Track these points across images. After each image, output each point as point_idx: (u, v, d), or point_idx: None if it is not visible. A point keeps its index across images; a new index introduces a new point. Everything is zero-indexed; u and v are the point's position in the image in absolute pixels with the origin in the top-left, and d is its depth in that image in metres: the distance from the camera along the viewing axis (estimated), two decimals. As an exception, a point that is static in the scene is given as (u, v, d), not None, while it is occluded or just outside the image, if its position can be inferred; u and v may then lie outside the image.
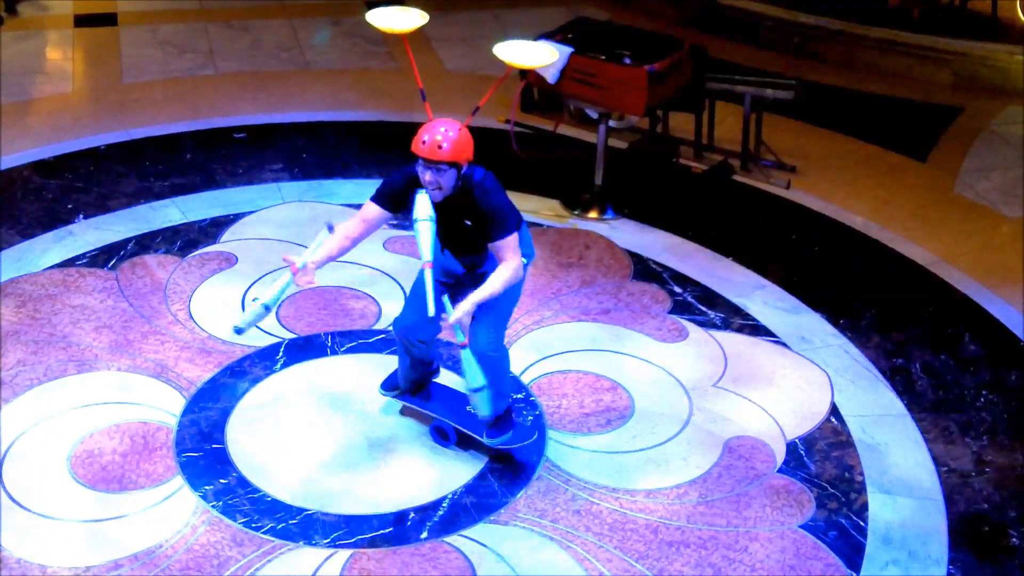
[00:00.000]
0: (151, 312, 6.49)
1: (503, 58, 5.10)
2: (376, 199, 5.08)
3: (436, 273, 5.36)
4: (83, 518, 5.15)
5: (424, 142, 4.83)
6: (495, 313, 5.20)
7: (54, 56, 10.08)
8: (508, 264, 4.99)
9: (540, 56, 5.20)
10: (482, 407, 5.18)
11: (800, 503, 5.37)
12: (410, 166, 5.01)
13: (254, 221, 7.42)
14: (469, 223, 5.00)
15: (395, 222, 7.37)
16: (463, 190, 4.94)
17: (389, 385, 5.77)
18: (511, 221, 5.01)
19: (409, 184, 5.01)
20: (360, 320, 6.49)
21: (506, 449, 5.49)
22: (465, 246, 5.16)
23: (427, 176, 4.87)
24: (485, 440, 5.46)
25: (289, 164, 8.16)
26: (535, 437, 5.55)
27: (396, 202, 5.08)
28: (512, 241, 5.00)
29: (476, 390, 5.12)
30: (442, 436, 5.62)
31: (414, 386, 5.68)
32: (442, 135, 4.83)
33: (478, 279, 5.19)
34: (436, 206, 4.98)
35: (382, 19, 5.22)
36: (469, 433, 5.52)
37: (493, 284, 4.98)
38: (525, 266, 5.19)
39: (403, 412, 5.81)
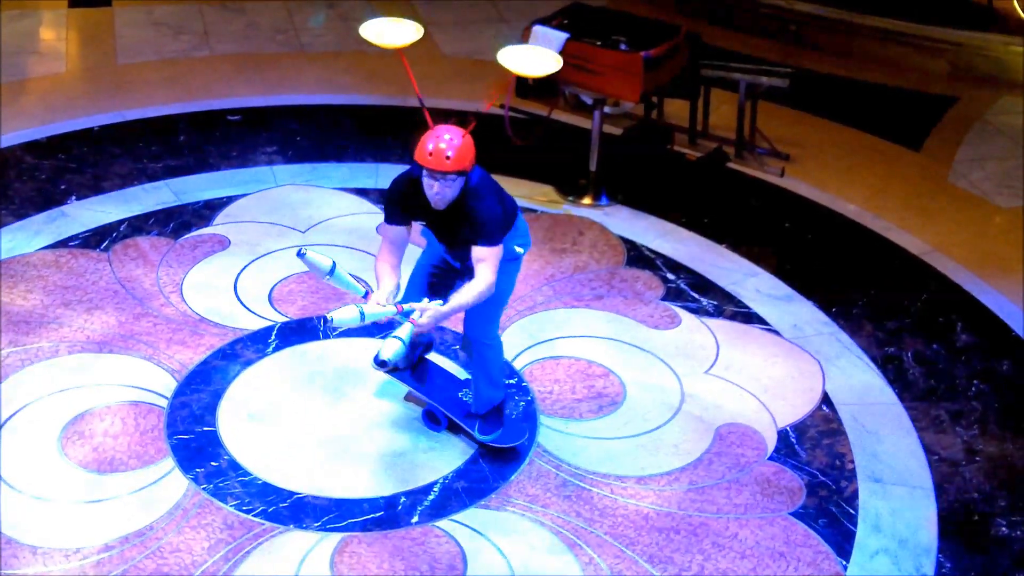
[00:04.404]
0: (143, 294, 6.48)
1: (508, 66, 5.03)
2: (389, 219, 5.03)
3: (429, 264, 5.34)
4: (74, 499, 5.15)
5: (431, 153, 4.72)
6: (489, 302, 5.16)
7: (48, 36, 10.03)
8: (482, 277, 4.85)
9: (544, 64, 5.12)
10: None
11: (790, 490, 5.38)
12: (404, 172, 4.98)
13: (247, 204, 7.40)
14: (463, 226, 4.95)
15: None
16: (460, 193, 4.89)
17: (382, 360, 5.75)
18: (497, 233, 4.90)
19: (410, 188, 4.94)
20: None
21: (495, 445, 5.49)
22: (463, 246, 5.10)
23: (435, 187, 4.79)
24: (476, 435, 5.46)
25: (283, 147, 8.14)
26: (525, 438, 5.53)
27: (406, 211, 5.01)
28: (493, 252, 4.88)
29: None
30: (433, 421, 5.62)
31: (409, 363, 5.67)
32: (447, 143, 4.73)
33: (471, 272, 5.16)
34: (436, 211, 4.93)
35: (376, 33, 5.15)
36: (460, 424, 5.53)
37: (461, 297, 4.86)
38: (520, 256, 5.16)
39: (408, 399, 5.78)
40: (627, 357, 6.17)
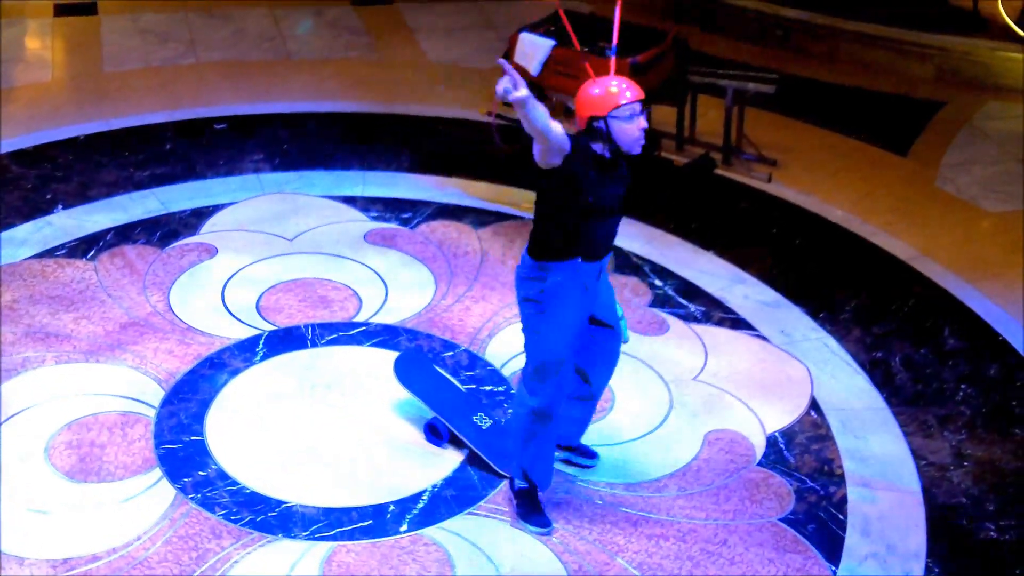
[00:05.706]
0: (130, 303, 6.46)
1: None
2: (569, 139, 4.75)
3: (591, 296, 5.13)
4: (61, 510, 5.13)
5: (630, 87, 4.69)
6: None
7: (34, 45, 10.02)
8: None
9: None
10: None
11: (779, 496, 5.38)
12: (576, 141, 4.76)
13: (234, 212, 7.39)
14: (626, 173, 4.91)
15: (376, 214, 7.38)
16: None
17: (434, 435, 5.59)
18: None
19: (589, 156, 4.79)
20: (340, 312, 6.48)
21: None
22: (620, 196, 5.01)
23: (641, 122, 4.70)
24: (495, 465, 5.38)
25: (270, 155, 8.13)
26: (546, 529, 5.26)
27: (579, 174, 4.79)
28: None
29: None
30: (435, 435, 5.58)
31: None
32: (624, 80, 4.75)
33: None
34: (622, 162, 4.84)
35: None
36: (477, 452, 5.43)
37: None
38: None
39: (430, 426, 5.65)
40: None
